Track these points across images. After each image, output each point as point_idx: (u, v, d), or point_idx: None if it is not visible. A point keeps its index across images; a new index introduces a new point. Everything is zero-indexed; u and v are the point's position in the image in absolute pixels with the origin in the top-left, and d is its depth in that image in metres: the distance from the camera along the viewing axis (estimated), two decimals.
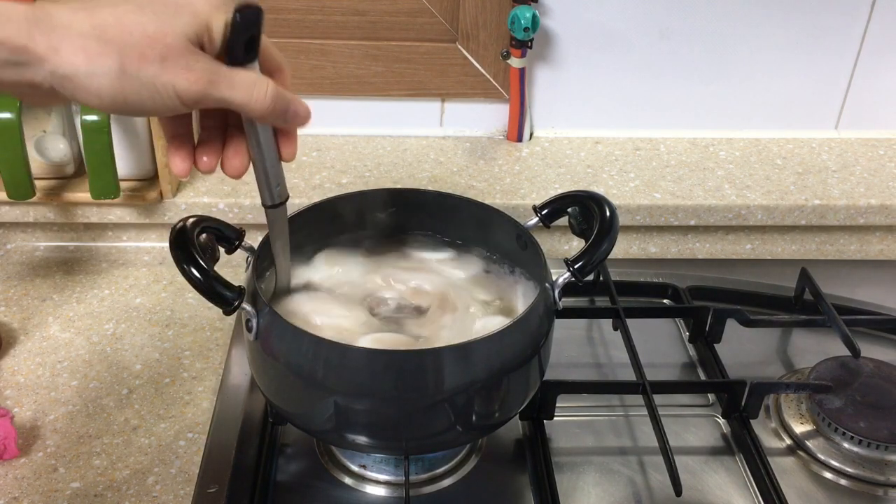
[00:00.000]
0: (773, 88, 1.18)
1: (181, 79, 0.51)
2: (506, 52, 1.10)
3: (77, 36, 0.49)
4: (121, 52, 0.49)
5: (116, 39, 0.49)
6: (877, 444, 0.79)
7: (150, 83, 0.51)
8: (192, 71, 0.51)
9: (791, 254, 1.12)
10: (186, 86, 0.51)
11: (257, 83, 0.55)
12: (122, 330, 0.92)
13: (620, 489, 0.77)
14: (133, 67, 0.50)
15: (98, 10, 0.50)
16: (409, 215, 0.83)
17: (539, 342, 0.70)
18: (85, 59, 0.49)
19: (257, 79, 0.55)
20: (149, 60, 0.50)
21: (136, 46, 0.50)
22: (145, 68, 0.50)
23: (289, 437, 0.80)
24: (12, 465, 0.76)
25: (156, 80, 0.51)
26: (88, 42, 0.49)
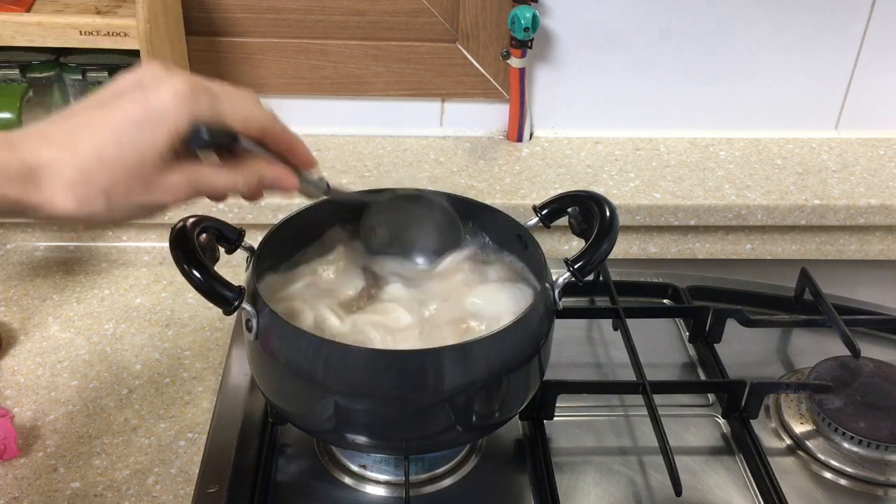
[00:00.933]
0: (773, 88, 1.18)
1: (166, 198, 0.55)
2: (506, 52, 1.10)
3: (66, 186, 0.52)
4: (107, 193, 0.53)
5: (101, 182, 0.52)
6: (877, 444, 0.79)
7: (138, 208, 0.55)
8: (174, 190, 0.55)
9: (791, 254, 1.12)
10: (173, 199, 0.55)
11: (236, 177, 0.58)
12: (122, 330, 0.92)
13: (620, 489, 0.77)
14: (119, 202, 0.53)
15: (79, 145, 0.52)
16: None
17: (539, 342, 0.70)
18: (76, 205, 0.52)
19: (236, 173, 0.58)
20: (134, 192, 0.53)
21: (120, 183, 0.53)
22: (132, 199, 0.54)
23: (289, 437, 0.80)
24: (12, 465, 0.76)
25: (143, 205, 0.55)
26: (77, 190, 0.52)
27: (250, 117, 0.58)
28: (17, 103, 0.92)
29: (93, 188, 0.52)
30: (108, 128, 0.53)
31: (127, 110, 0.53)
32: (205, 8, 1.06)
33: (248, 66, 1.10)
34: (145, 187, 0.54)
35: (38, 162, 0.51)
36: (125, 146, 0.52)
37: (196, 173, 0.56)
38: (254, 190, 0.60)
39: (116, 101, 0.54)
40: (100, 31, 0.91)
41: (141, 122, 0.53)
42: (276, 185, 0.60)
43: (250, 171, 0.59)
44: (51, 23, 0.91)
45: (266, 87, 1.12)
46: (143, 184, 0.53)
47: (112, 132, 0.53)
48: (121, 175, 0.53)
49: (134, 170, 0.53)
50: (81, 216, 0.53)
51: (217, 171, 0.57)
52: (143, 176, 0.53)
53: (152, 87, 0.54)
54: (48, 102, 0.99)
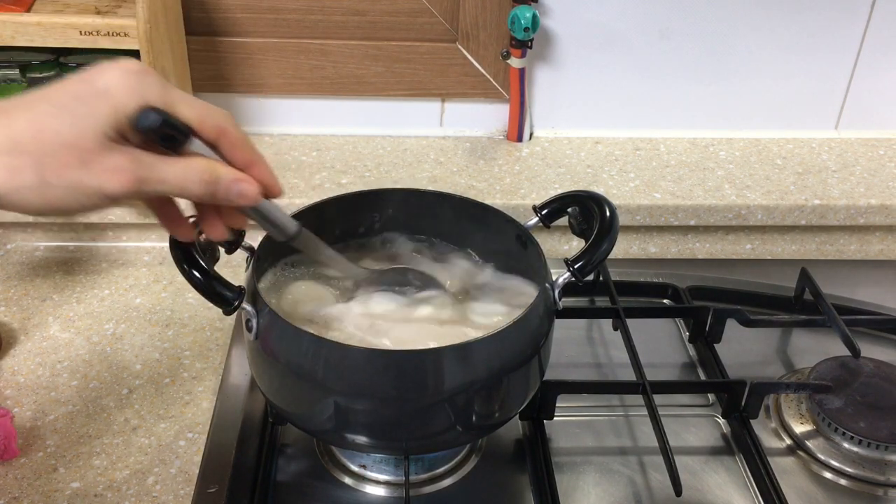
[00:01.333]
0: (773, 88, 1.18)
1: (106, 181, 0.50)
2: (506, 52, 1.10)
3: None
4: (40, 164, 0.48)
5: (34, 151, 0.48)
6: (877, 444, 0.79)
7: (75, 189, 0.50)
8: (115, 172, 0.50)
9: (791, 254, 1.12)
10: (113, 187, 0.50)
11: (189, 170, 0.53)
12: (122, 330, 0.92)
13: (620, 489, 0.77)
14: (54, 177, 0.49)
15: (14, 118, 0.49)
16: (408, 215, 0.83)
17: (539, 342, 0.70)
18: (4, 176, 0.48)
19: (188, 167, 0.53)
20: (70, 167, 0.49)
21: (55, 156, 0.49)
22: (67, 176, 0.49)
23: (289, 437, 0.80)
24: (12, 465, 0.76)
25: (80, 186, 0.50)
26: (6, 159, 0.48)
27: (206, 113, 0.54)
28: None
29: (24, 159, 0.48)
30: (46, 101, 0.49)
31: (69, 87, 0.50)
32: (205, 8, 1.06)
33: (248, 66, 1.10)
34: (82, 164, 0.49)
35: None
36: (63, 117, 0.49)
37: (142, 158, 0.51)
38: (207, 194, 0.54)
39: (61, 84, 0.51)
40: (100, 31, 0.91)
41: (83, 96, 0.49)
42: (233, 191, 0.55)
43: (204, 167, 0.53)
44: (51, 23, 0.91)
45: (266, 87, 1.12)
46: (80, 159, 0.49)
47: (51, 104, 0.49)
48: (55, 145, 0.49)
49: (70, 142, 0.49)
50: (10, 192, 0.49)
51: (166, 160, 0.52)
52: (80, 150, 0.49)
53: (99, 72, 0.51)
54: None
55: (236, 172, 0.56)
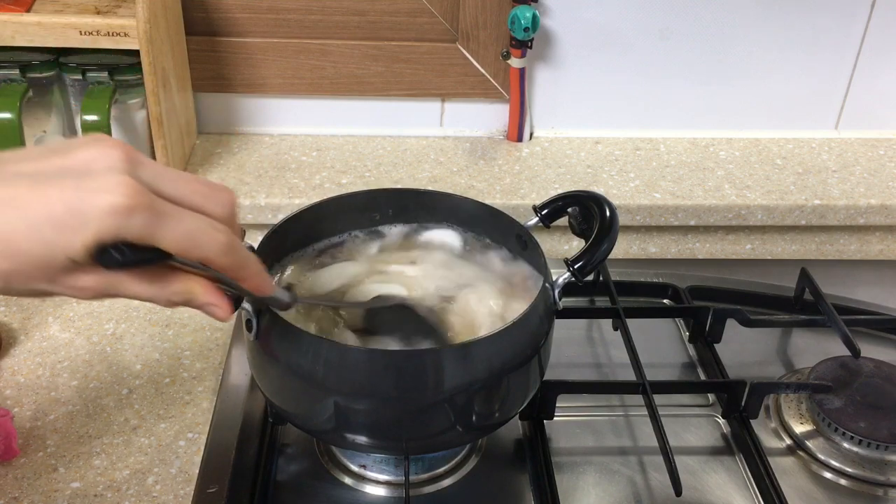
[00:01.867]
0: (773, 88, 1.18)
1: (71, 294, 0.51)
2: (506, 52, 1.10)
3: None
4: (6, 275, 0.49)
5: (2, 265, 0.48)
6: (877, 444, 0.79)
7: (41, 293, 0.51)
8: (81, 290, 0.50)
9: (791, 254, 1.12)
10: (79, 297, 0.51)
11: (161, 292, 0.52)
12: (122, 330, 0.92)
13: (620, 489, 0.77)
14: (20, 287, 0.49)
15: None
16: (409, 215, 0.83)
17: (539, 342, 0.70)
18: None
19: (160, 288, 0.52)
20: (36, 282, 0.49)
21: (22, 273, 0.49)
22: (32, 286, 0.50)
23: (289, 437, 0.80)
24: (12, 465, 0.76)
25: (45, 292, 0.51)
26: None
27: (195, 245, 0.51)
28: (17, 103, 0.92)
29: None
30: (25, 218, 0.48)
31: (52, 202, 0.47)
32: (205, 8, 1.06)
33: (248, 66, 1.10)
34: (48, 281, 0.49)
35: None
36: (35, 241, 0.48)
37: (111, 280, 0.51)
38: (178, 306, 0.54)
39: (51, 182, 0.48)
40: (100, 31, 0.91)
41: (61, 221, 0.47)
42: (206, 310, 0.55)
43: (178, 289, 0.53)
44: (51, 23, 0.91)
45: (266, 87, 1.12)
46: (47, 278, 0.49)
47: (27, 225, 0.48)
48: (22, 265, 0.48)
49: (39, 265, 0.48)
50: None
51: (136, 282, 0.51)
52: (47, 272, 0.49)
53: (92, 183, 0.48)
54: (48, 102, 0.99)
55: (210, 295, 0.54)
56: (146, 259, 0.50)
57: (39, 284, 0.50)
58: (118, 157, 0.49)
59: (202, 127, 1.15)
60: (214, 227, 0.51)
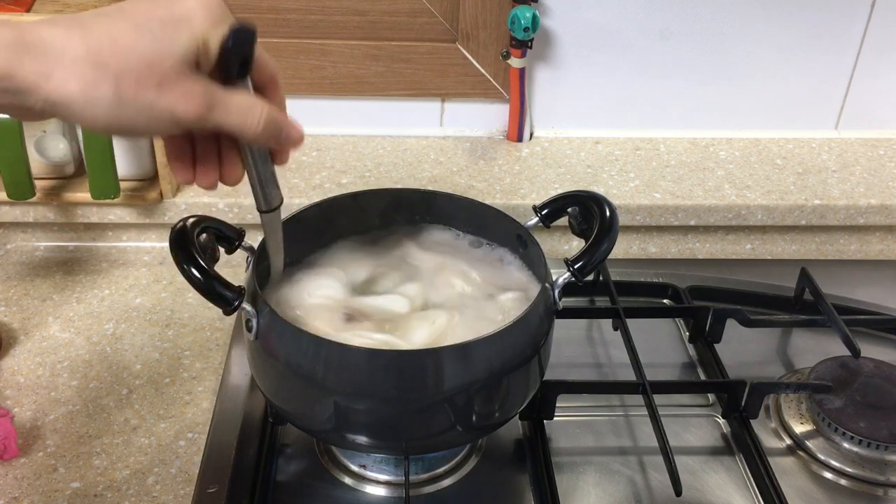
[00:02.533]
0: (773, 88, 1.18)
1: (178, 104, 0.50)
2: (506, 52, 1.10)
3: (70, 62, 0.47)
4: (117, 78, 0.48)
5: (112, 64, 0.48)
6: (877, 444, 0.79)
7: (147, 109, 0.50)
8: (189, 96, 0.51)
9: (791, 254, 1.12)
10: (184, 111, 0.51)
11: (251, 108, 0.54)
12: (122, 330, 0.92)
13: (620, 489, 0.77)
14: (129, 94, 0.49)
15: (93, 30, 0.48)
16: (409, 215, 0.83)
17: (539, 342, 0.70)
18: (79, 87, 0.48)
19: (251, 103, 0.55)
20: (146, 86, 0.49)
21: (133, 72, 0.49)
22: (142, 94, 0.49)
23: (289, 437, 0.80)
24: (12, 465, 0.76)
25: (153, 106, 0.50)
26: (83, 68, 0.48)
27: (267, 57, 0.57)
28: None
29: (102, 70, 0.48)
30: (127, 19, 0.49)
31: (151, 8, 0.50)
32: None
33: None
34: (158, 85, 0.49)
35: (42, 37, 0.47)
36: (144, 37, 0.49)
37: (213, 89, 0.52)
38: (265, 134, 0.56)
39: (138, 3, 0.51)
40: None
41: (164, 20, 0.50)
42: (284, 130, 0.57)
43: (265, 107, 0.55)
44: None
45: None
46: (157, 80, 0.49)
47: (131, 23, 0.49)
48: (134, 63, 0.48)
49: (150, 61, 0.49)
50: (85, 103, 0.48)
51: (233, 92, 0.54)
52: (158, 71, 0.49)
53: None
54: None
55: (286, 118, 0.58)
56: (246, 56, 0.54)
57: (149, 90, 0.49)
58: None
59: None
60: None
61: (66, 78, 0.47)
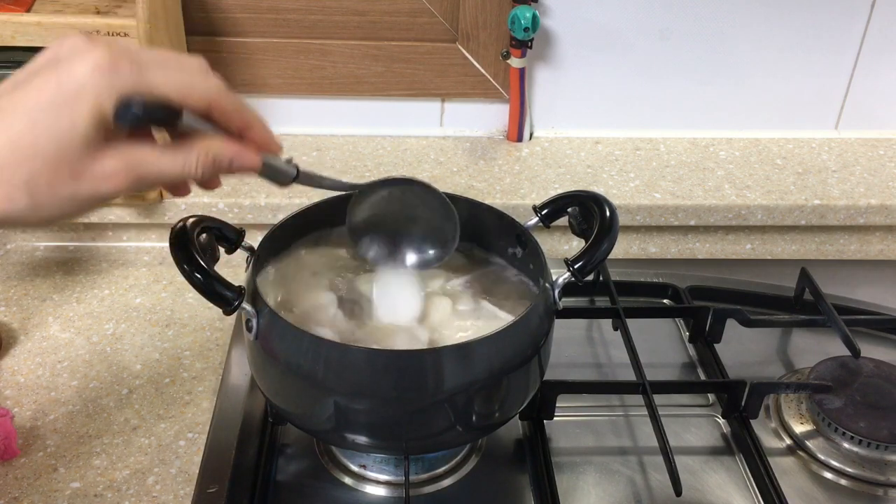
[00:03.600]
0: (773, 88, 1.18)
1: (101, 186, 0.48)
2: (506, 52, 1.10)
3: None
4: (28, 185, 0.47)
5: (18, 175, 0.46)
6: (877, 444, 0.79)
7: (70, 200, 0.48)
8: (108, 174, 0.48)
9: (791, 254, 1.12)
10: (110, 188, 0.49)
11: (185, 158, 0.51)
12: (122, 330, 0.92)
13: (620, 489, 0.77)
14: (45, 196, 0.47)
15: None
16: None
17: (539, 342, 0.70)
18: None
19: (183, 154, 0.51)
20: (59, 183, 0.47)
21: (42, 175, 0.47)
22: (59, 191, 0.47)
23: (289, 437, 0.80)
24: (12, 465, 0.76)
25: (75, 196, 0.48)
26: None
27: (189, 87, 0.50)
28: None
29: (11, 183, 0.46)
30: (20, 114, 0.47)
31: (40, 90, 0.47)
32: (205, 8, 1.06)
33: (248, 66, 1.10)
34: (72, 177, 0.47)
35: None
36: (41, 133, 0.46)
37: (134, 156, 0.49)
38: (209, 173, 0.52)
39: (30, 81, 0.48)
40: (100, 31, 0.91)
41: (56, 103, 0.46)
42: (234, 164, 0.53)
43: (201, 149, 0.51)
44: (51, 23, 0.91)
45: (266, 87, 1.12)
46: (69, 173, 0.47)
47: (25, 118, 0.46)
48: (40, 165, 0.46)
49: (55, 158, 0.46)
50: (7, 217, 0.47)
51: (160, 153, 0.50)
52: (67, 164, 0.47)
53: (67, 62, 0.47)
54: None
55: (232, 146, 0.53)
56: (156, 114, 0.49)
57: (64, 186, 0.47)
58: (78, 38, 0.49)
59: None
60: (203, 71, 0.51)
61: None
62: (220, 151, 0.52)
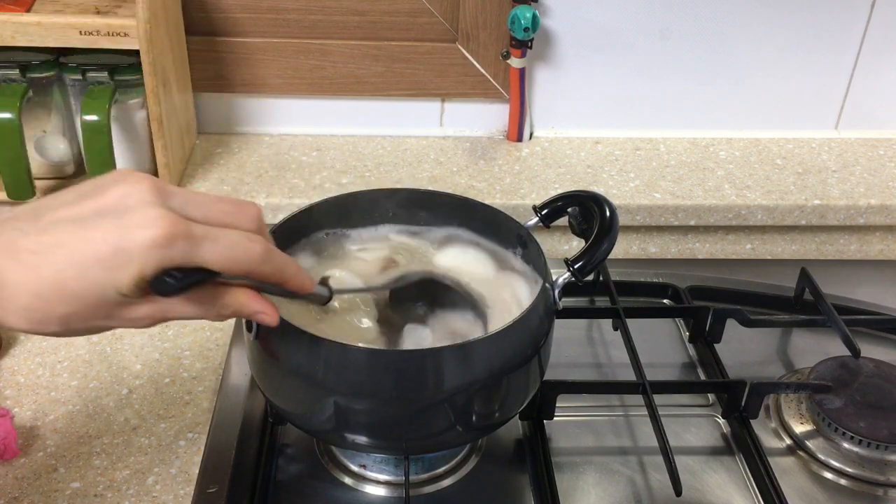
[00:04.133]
0: (773, 88, 1.18)
1: (127, 325, 0.53)
2: (506, 52, 1.10)
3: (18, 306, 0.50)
4: (63, 320, 0.51)
5: (58, 310, 0.51)
6: (877, 444, 0.79)
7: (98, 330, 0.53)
8: (137, 320, 0.53)
9: (791, 254, 1.12)
10: (135, 327, 0.54)
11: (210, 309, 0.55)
12: (122, 330, 0.92)
13: (620, 489, 0.77)
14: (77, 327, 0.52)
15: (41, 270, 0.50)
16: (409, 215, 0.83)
17: (539, 342, 0.70)
18: (28, 326, 0.51)
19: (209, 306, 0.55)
20: (93, 321, 0.52)
21: (78, 314, 0.51)
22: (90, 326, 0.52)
23: (289, 437, 0.80)
24: (12, 465, 0.76)
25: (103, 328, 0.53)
26: (32, 314, 0.51)
27: (233, 259, 0.53)
28: (17, 103, 0.92)
29: (48, 315, 0.51)
30: (74, 262, 0.50)
31: (97, 243, 0.50)
32: (205, 8, 1.06)
33: (248, 66, 1.10)
34: (105, 318, 0.52)
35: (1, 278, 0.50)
36: (86, 283, 0.50)
37: (163, 306, 0.53)
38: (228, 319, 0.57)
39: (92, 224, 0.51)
40: (100, 31, 0.91)
41: (107, 260, 0.50)
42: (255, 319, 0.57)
43: (227, 303, 0.55)
44: (51, 23, 0.91)
45: (266, 87, 1.12)
46: (103, 315, 0.52)
47: (76, 267, 0.50)
48: (79, 307, 0.51)
49: (93, 304, 0.51)
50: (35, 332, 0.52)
51: (187, 304, 0.54)
52: (102, 309, 0.52)
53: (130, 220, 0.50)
54: (48, 102, 0.99)
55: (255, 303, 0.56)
56: (196, 281, 0.52)
57: (96, 322, 0.52)
58: (148, 190, 0.51)
59: (202, 127, 1.15)
60: (249, 238, 0.54)
61: (18, 319, 0.51)
62: (242, 308, 0.56)
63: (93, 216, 0.51)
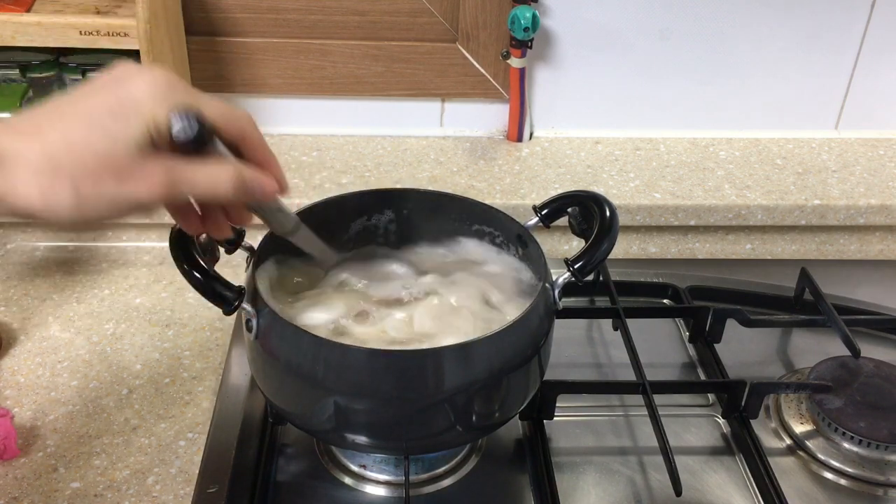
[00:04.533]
0: (773, 88, 1.18)
1: (140, 190, 0.51)
2: (506, 52, 1.10)
3: (28, 173, 0.49)
4: (74, 180, 0.50)
5: (68, 168, 0.49)
6: (877, 444, 0.79)
7: (109, 200, 0.51)
8: (149, 180, 0.52)
9: (791, 254, 1.12)
10: (147, 195, 0.52)
11: (217, 175, 0.54)
12: (122, 330, 0.92)
13: (620, 489, 0.77)
14: (89, 192, 0.50)
15: (48, 134, 0.50)
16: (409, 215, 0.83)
17: (539, 342, 0.70)
18: (40, 196, 0.49)
19: (217, 171, 0.54)
20: (104, 181, 0.50)
21: (90, 171, 0.50)
22: (102, 189, 0.50)
23: (289, 437, 0.80)
24: (12, 465, 0.76)
25: (115, 198, 0.51)
26: (41, 179, 0.49)
27: (229, 116, 0.56)
28: (17, 103, 0.92)
29: (59, 176, 0.49)
30: (78, 115, 0.51)
31: (100, 99, 0.51)
32: (205, 8, 1.06)
33: (248, 66, 1.10)
34: (117, 177, 0.50)
35: (3, 150, 0.49)
36: (96, 132, 0.50)
37: (173, 165, 0.52)
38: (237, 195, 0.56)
39: (92, 93, 0.52)
40: (100, 31, 0.91)
41: (114, 109, 0.51)
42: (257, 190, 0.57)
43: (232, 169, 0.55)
44: (51, 23, 0.91)
45: (266, 87, 1.12)
46: (115, 173, 0.50)
47: (83, 119, 0.50)
48: (90, 162, 0.50)
49: (105, 157, 0.50)
50: (47, 210, 0.50)
51: (195, 165, 0.53)
52: (114, 164, 0.50)
53: (127, 79, 0.52)
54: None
55: (257, 173, 0.57)
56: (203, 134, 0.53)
57: (108, 185, 0.50)
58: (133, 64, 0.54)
59: None
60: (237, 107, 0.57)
61: (28, 188, 0.49)
62: (247, 175, 0.56)
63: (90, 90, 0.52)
